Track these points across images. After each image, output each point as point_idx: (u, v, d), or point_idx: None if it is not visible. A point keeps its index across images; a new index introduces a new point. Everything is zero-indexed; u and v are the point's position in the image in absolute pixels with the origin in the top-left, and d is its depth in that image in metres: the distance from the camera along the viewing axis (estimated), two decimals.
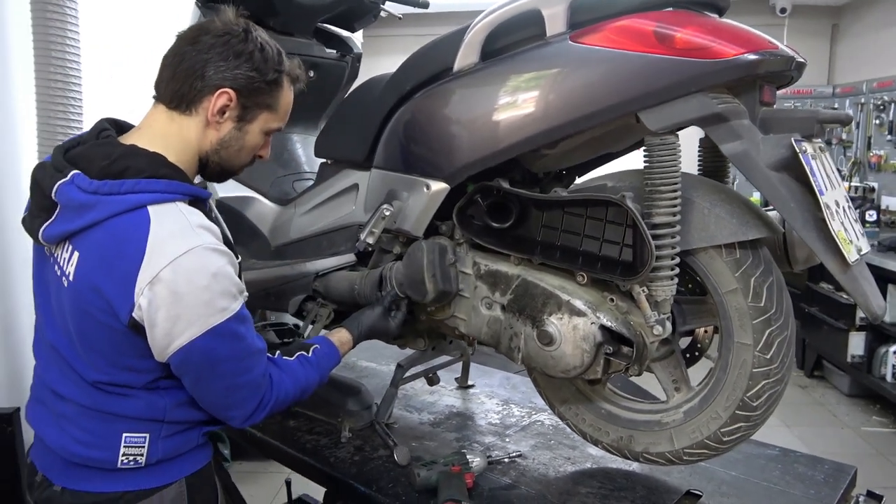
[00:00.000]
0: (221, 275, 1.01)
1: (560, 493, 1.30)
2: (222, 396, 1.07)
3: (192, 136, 1.10)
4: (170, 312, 0.98)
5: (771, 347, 1.11)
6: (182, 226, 1.01)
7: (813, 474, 1.37)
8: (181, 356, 1.01)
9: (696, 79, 1.02)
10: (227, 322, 1.01)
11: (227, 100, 1.08)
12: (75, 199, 1.01)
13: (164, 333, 0.99)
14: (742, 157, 1.04)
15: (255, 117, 1.13)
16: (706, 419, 1.19)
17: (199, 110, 1.08)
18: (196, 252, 0.99)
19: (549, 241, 1.23)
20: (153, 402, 1.08)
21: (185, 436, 1.13)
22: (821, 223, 1.01)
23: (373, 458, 1.45)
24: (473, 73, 1.22)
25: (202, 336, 1.00)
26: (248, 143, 1.15)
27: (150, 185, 1.02)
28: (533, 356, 1.21)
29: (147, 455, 1.08)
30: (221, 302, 1.01)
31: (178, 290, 0.97)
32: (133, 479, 1.09)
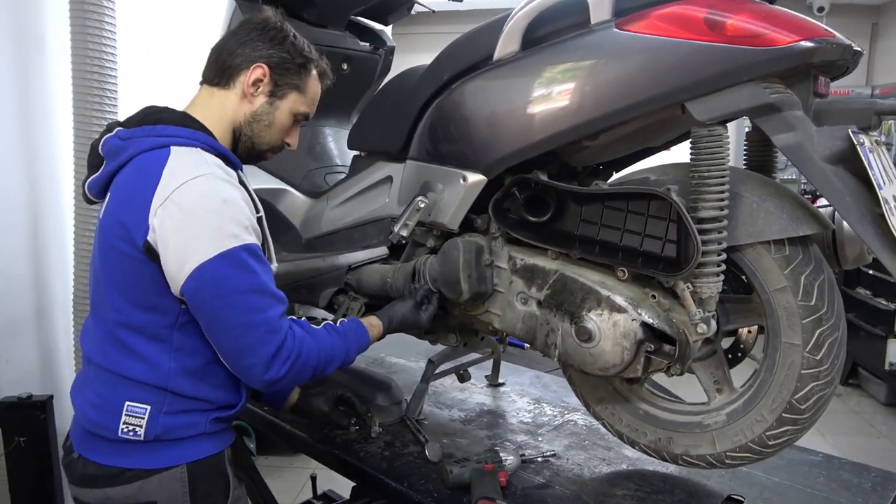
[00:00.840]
0: (232, 203, 1.06)
1: (596, 494, 1.27)
2: (237, 337, 1.06)
3: (229, 107, 1.19)
4: (182, 233, 1.02)
5: (821, 348, 1.06)
6: (198, 160, 1.08)
7: (859, 482, 1.32)
8: (194, 281, 1.03)
9: (748, 67, 0.99)
10: (238, 249, 1.04)
11: (262, 74, 1.18)
12: (115, 145, 1.12)
13: (176, 256, 1.03)
14: (795, 149, 1.00)
15: (286, 95, 1.21)
16: (750, 422, 1.15)
17: (236, 84, 1.19)
18: (207, 178, 1.05)
19: (588, 236, 1.20)
20: (160, 363, 1.09)
21: (189, 417, 1.12)
22: (878, 219, 0.97)
23: (403, 453, 1.43)
24: (514, 62, 1.19)
25: (213, 259, 1.02)
26: (278, 121, 1.23)
27: (177, 132, 1.11)
28: (570, 353, 1.18)
29: (146, 428, 1.09)
30: (232, 228, 1.04)
31: (188, 209, 1.02)
32: (134, 456, 1.11)
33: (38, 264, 2.12)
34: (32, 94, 2.08)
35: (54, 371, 2.17)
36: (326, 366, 1.18)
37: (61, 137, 2.12)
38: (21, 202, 2.06)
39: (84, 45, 1.94)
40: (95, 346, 1.15)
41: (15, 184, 2.04)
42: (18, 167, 2.04)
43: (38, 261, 2.12)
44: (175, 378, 1.10)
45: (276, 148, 1.27)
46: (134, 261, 1.06)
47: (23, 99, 2.05)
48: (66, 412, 2.10)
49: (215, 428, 1.16)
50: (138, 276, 1.07)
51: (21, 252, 2.06)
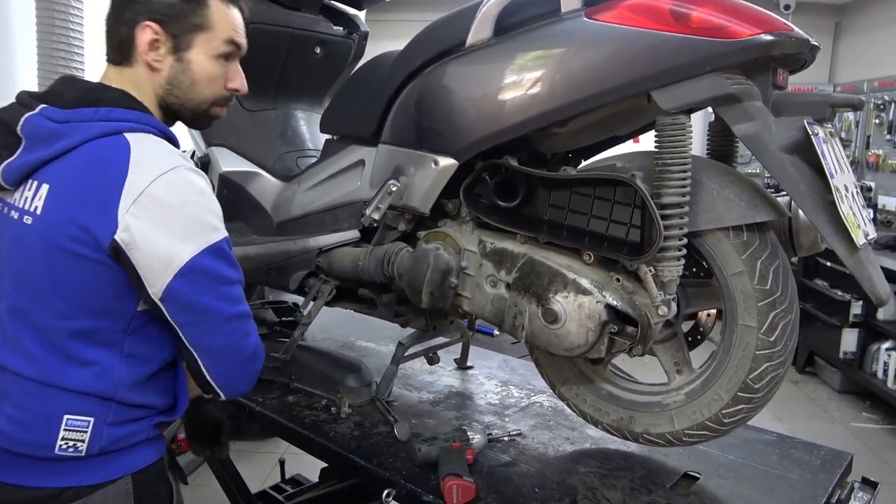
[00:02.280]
0: (208, 195, 1.00)
1: (560, 471, 1.31)
2: (232, 330, 1.01)
3: (143, 83, 1.07)
4: (165, 230, 0.95)
5: (775, 330, 1.11)
6: (163, 149, 1.00)
7: (810, 460, 1.38)
8: (184, 279, 0.95)
9: (710, 58, 1.02)
10: (221, 242, 0.99)
11: (153, 33, 1.04)
12: (44, 127, 0.99)
13: (161, 253, 0.95)
14: (754, 139, 1.04)
15: (192, 43, 1.06)
16: (707, 401, 1.19)
17: (137, 56, 1.05)
18: (181, 170, 0.98)
19: (556, 221, 1.23)
20: (109, 372, 1.00)
21: (134, 425, 1.05)
22: (830, 206, 1.02)
23: (372, 433, 1.45)
24: (486, 48, 1.22)
25: (202, 254, 0.96)
26: (200, 74, 1.08)
27: (124, 115, 1.00)
28: (537, 334, 1.22)
29: (89, 443, 1.00)
30: (213, 220, 1.00)
31: (169, 204, 0.95)
32: (73, 473, 1.01)
33: None
34: None
35: None
36: None
37: None
38: None
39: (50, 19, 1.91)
40: (17, 355, 1.01)
41: None
42: None
43: None
44: (124, 387, 1.02)
45: (223, 99, 1.14)
46: (92, 263, 0.96)
47: None
48: None
49: (156, 433, 1.10)
50: (94, 280, 0.97)
51: None
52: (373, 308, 1.62)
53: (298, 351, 1.70)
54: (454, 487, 1.18)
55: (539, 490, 1.24)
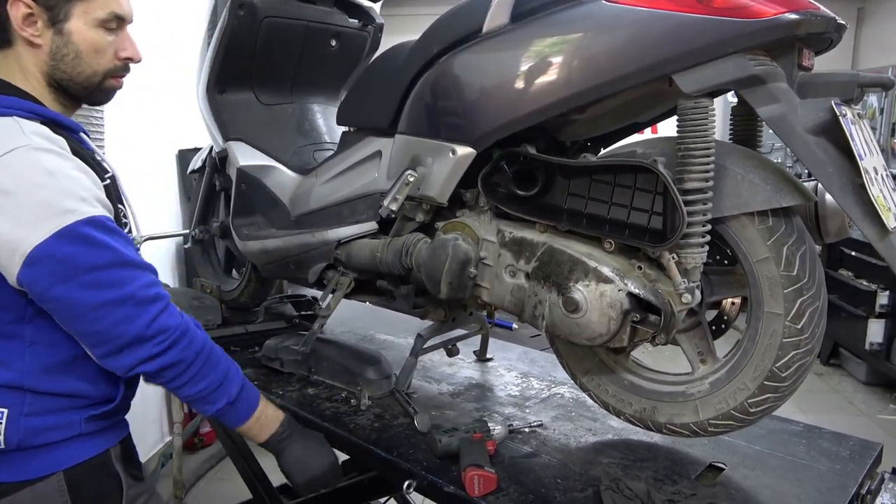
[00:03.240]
0: (62, 175, 0.93)
1: (582, 462, 1.29)
2: (97, 319, 0.93)
3: (26, 63, 1.03)
4: (5, 216, 0.89)
5: (802, 317, 1.09)
6: (11, 132, 0.94)
7: (838, 450, 1.35)
8: (30, 267, 0.90)
9: (733, 39, 1.00)
10: (78, 224, 0.91)
11: (25, 7, 0.99)
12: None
13: (4, 242, 0.90)
14: (779, 121, 1.01)
15: (69, 13, 1.02)
16: (733, 390, 1.17)
17: (13, 35, 1.02)
18: (23, 150, 0.92)
19: (575, 208, 1.22)
20: (12, 361, 0.97)
21: (59, 417, 1.00)
22: (859, 189, 0.99)
23: (393, 425, 1.44)
24: (504, 35, 1.20)
25: (49, 240, 0.89)
26: (84, 45, 1.04)
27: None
28: (558, 324, 1.20)
29: (5, 434, 0.96)
30: (66, 202, 0.92)
31: (8, 188, 0.89)
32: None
33: None
34: None
35: None
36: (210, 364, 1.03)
37: None
38: None
39: None
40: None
41: None
42: None
43: None
44: (32, 375, 0.98)
45: (116, 70, 1.09)
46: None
47: None
48: None
49: (94, 427, 1.04)
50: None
51: None
52: (391, 300, 1.61)
53: (318, 344, 1.70)
54: (476, 478, 1.17)
55: (561, 481, 1.22)
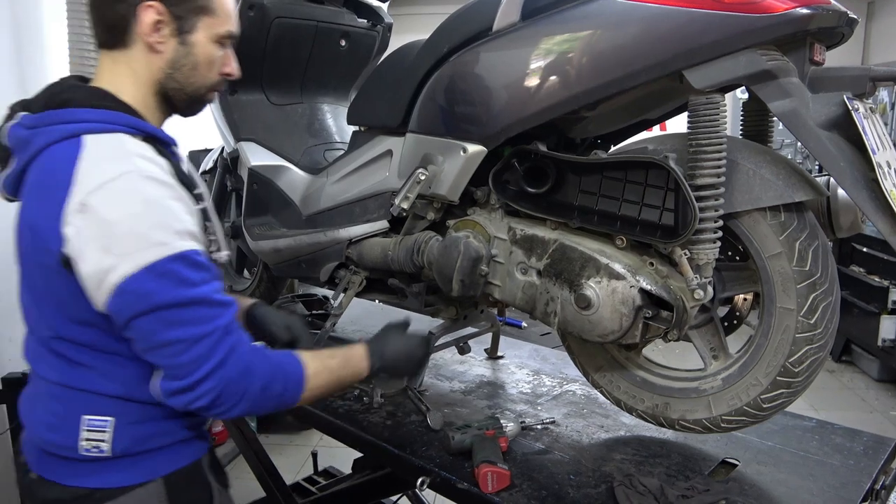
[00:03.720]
0: (158, 205, 0.91)
1: (594, 458, 1.29)
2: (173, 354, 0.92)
3: (139, 69, 1.01)
4: (99, 245, 0.88)
5: (815, 312, 1.09)
6: (117, 153, 0.92)
7: (851, 446, 1.35)
8: (116, 299, 0.89)
9: (745, 34, 1.00)
10: (167, 260, 0.89)
11: (156, 13, 0.98)
12: (19, 136, 0.96)
13: (93, 270, 0.88)
14: (791, 116, 1.01)
15: (195, 26, 1.02)
16: (746, 386, 1.17)
17: (134, 38, 0.99)
18: (129, 177, 0.90)
19: (587, 205, 1.22)
20: (115, 373, 0.98)
21: (160, 425, 1.02)
22: (872, 184, 0.99)
23: (405, 422, 1.45)
24: (514, 33, 1.20)
25: (138, 273, 0.88)
26: (202, 58, 1.04)
27: (87, 115, 0.94)
28: (570, 320, 1.20)
29: (112, 443, 0.97)
30: (159, 234, 0.90)
31: (106, 216, 0.88)
32: (101, 474, 0.99)
33: None
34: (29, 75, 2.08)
35: None
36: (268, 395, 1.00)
37: None
38: None
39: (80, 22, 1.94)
40: (41, 359, 1.01)
41: None
42: None
43: None
44: (135, 385, 0.98)
45: (216, 85, 1.09)
46: (55, 274, 0.91)
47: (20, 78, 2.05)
48: None
49: (187, 435, 1.05)
50: (63, 290, 0.93)
51: None
52: (403, 299, 1.62)
53: (330, 342, 1.71)
54: (489, 474, 1.18)
55: (574, 477, 1.23)
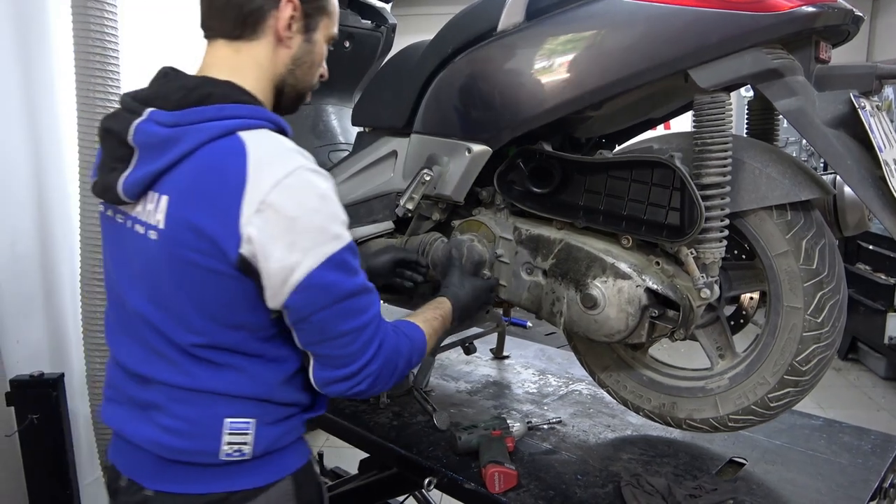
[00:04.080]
0: (329, 198, 0.92)
1: (602, 458, 1.29)
2: (345, 344, 0.94)
3: (265, 62, 1.01)
4: (284, 242, 0.87)
5: (822, 311, 1.09)
6: (280, 149, 0.92)
7: (859, 444, 1.35)
8: (300, 294, 0.89)
9: (750, 33, 1.00)
10: (342, 251, 0.91)
11: (292, 9, 1.00)
12: (157, 134, 0.91)
13: (279, 267, 0.88)
14: (797, 114, 1.01)
15: (318, 24, 1.04)
16: (753, 385, 1.17)
17: (265, 29, 0.99)
18: (300, 173, 0.89)
19: (592, 205, 1.22)
20: (259, 375, 0.97)
21: (289, 423, 1.02)
22: (879, 181, 0.98)
23: (411, 423, 1.45)
24: (519, 33, 1.20)
25: (320, 267, 0.89)
26: (318, 57, 1.07)
27: (236, 111, 0.93)
28: (576, 320, 1.20)
29: (253, 444, 0.97)
30: (334, 227, 0.91)
31: (288, 213, 0.87)
32: (237, 477, 0.97)
33: (45, 244, 2.13)
34: (35, 74, 2.09)
35: (64, 349, 2.19)
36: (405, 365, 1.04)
37: (64, 115, 2.13)
38: (26, 181, 2.07)
39: (86, 22, 1.94)
40: (163, 365, 0.97)
41: (19, 161, 2.05)
42: (23, 145, 2.05)
43: (44, 240, 2.13)
44: (277, 387, 0.99)
45: (315, 85, 1.11)
46: (223, 278, 0.90)
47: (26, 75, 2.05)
48: (75, 390, 2.13)
49: (303, 431, 1.07)
50: (226, 294, 0.92)
51: (28, 231, 2.07)
52: (408, 299, 1.62)
53: None
54: (496, 475, 1.18)
55: (581, 477, 1.23)
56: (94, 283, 2.01)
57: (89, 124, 1.97)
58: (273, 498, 0.99)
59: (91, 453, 2.19)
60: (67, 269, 2.20)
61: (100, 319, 2.02)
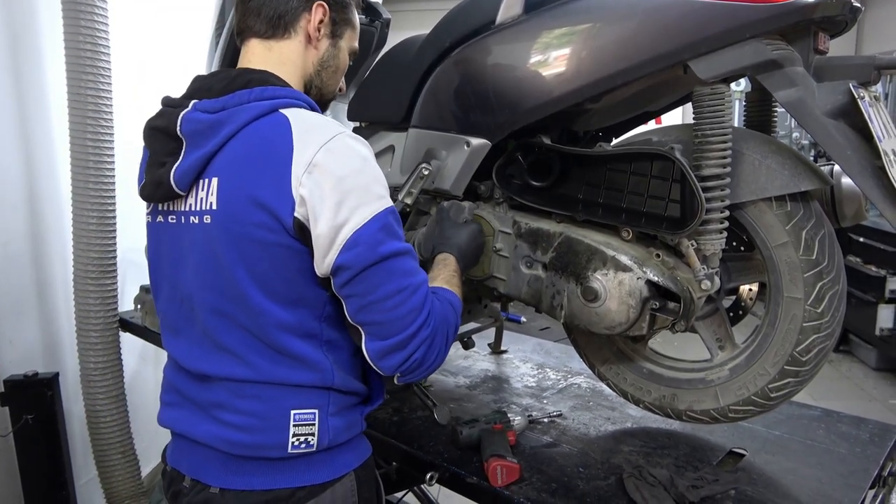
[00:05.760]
0: (371, 162, 0.96)
1: (603, 450, 1.30)
2: (394, 306, 0.93)
3: (296, 60, 1.07)
4: (333, 200, 0.90)
5: (822, 301, 1.09)
6: (320, 120, 0.97)
7: (858, 433, 1.36)
8: (347, 253, 0.91)
9: (750, 24, 1.00)
10: (386, 212, 0.94)
11: (324, 13, 1.07)
12: (203, 120, 0.96)
13: (329, 226, 0.90)
14: (797, 105, 1.01)
15: (343, 33, 1.12)
16: (753, 375, 1.17)
17: (297, 29, 1.06)
18: (342, 137, 0.94)
19: (592, 198, 1.22)
20: (317, 360, 0.99)
21: (350, 415, 1.03)
22: (879, 171, 0.99)
23: (412, 418, 1.45)
24: (517, 26, 1.20)
25: (368, 224, 0.91)
26: (341, 64, 1.13)
27: (278, 91, 0.98)
28: (577, 313, 1.20)
29: (318, 436, 0.98)
30: (377, 188, 0.95)
31: (335, 171, 0.91)
32: (303, 471, 0.99)
33: (37, 243, 2.11)
34: (26, 74, 2.06)
35: (57, 349, 2.18)
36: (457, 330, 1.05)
37: (55, 115, 2.11)
38: (18, 180, 2.05)
39: (76, 20, 1.92)
40: (225, 361, 0.98)
41: (11, 161, 2.03)
42: (14, 143, 2.03)
43: (36, 240, 2.11)
44: (334, 373, 1.00)
45: (335, 96, 1.16)
46: (282, 249, 0.93)
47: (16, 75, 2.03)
48: (70, 390, 2.11)
49: (364, 427, 1.08)
50: (287, 268, 0.94)
51: (20, 230, 2.06)
52: None
53: None
54: (498, 468, 1.18)
55: (583, 469, 1.23)
56: (87, 282, 2.00)
57: (81, 124, 1.95)
58: (338, 494, 1.01)
59: (86, 453, 2.18)
60: (60, 269, 2.18)
61: (93, 318, 2.01)
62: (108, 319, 2.04)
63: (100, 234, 1.99)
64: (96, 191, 1.97)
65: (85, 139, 1.95)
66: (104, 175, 1.98)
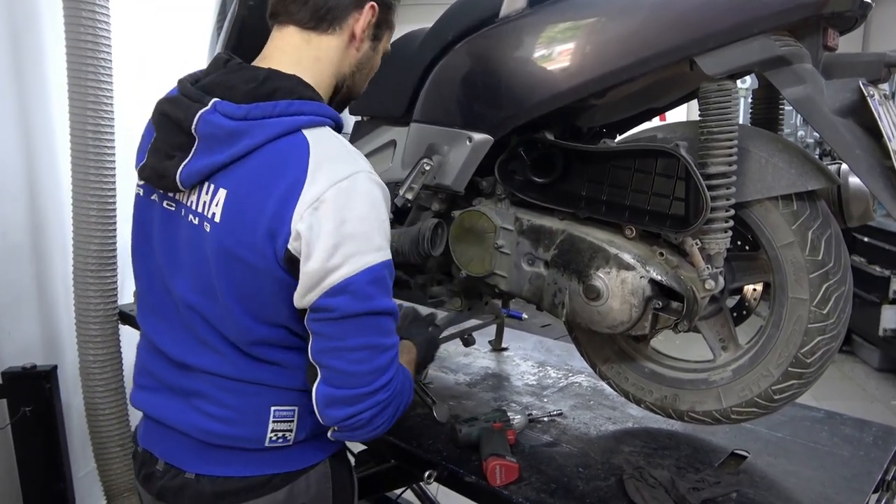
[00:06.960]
0: (380, 208, 0.92)
1: (603, 451, 1.28)
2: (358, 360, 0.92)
3: (333, 57, 1.01)
4: (330, 241, 0.87)
5: (828, 302, 1.07)
6: (342, 150, 0.93)
7: (861, 436, 1.34)
8: (331, 298, 0.88)
9: (759, 20, 0.98)
10: (381, 266, 0.91)
11: (373, 14, 1.01)
12: (224, 126, 0.91)
13: (318, 268, 0.87)
14: (805, 102, 0.99)
15: (383, 36, 1.07)
16: (756, 377, 1.16)
17: (344, 27, 1.00)
18: (359, 177, 0.90)
19: (595, 195, 1.20)
20: (298, 368, 0.98)
21: None
22: (888, 171, 0.97)
23: (411, 415, 1.44)
24: (521, 19, 1.18)
25: (359, 274, 0.88)
26: (375, 65, 1.10)
27: (303, 107, 0.93)
28: (578, 312, 1.19)
29: (296, 431, 0.99)
30: (378, 238, 0.91)
31: (339, 213, 0.88)
32: (279, 460, 1.00)
33: (37, 235, 2.11)
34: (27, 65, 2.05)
35: (56, 341, 2.17)
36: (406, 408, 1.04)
37: (56, 107, 2.10)
38: (18, 172, 2.04)
39: (77, 10, 1.90)
40: (207, 354, 0.98)
41: (11, 153, 2.01)
42: (14, 135, 2.02)
43: (36, 232, 2.10)
44: None
45: (359, 96, 1.13)
46: (266, 275, 0.91)
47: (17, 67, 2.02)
48: (68, 383, 2.11)
49: None
50: (273, 293, 0.92)
51: (20, 222, 2.05)
52: (407, 290, 1.60)
53: None
54: (497, 467, 1.16)
55: (583, 469, 1.22)
56: (87, 274, 1.99)
57: (81, 115, 1.94)
58: (312, 480, 1.03)
59: (84, 445, 2.18)
60: (60, 260, 2.17)
61: (92, 311, 2.01)
62: (107, 312, 2.03)
63: (100, 226, 1.98)
64: (97, 183, 1.96)
65: (85, 130, 1.93)
66: (104, 167, 1.97)
